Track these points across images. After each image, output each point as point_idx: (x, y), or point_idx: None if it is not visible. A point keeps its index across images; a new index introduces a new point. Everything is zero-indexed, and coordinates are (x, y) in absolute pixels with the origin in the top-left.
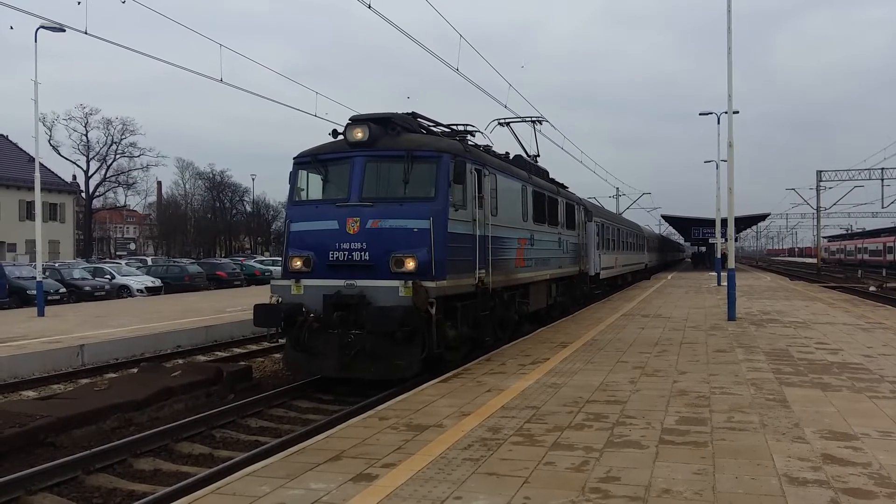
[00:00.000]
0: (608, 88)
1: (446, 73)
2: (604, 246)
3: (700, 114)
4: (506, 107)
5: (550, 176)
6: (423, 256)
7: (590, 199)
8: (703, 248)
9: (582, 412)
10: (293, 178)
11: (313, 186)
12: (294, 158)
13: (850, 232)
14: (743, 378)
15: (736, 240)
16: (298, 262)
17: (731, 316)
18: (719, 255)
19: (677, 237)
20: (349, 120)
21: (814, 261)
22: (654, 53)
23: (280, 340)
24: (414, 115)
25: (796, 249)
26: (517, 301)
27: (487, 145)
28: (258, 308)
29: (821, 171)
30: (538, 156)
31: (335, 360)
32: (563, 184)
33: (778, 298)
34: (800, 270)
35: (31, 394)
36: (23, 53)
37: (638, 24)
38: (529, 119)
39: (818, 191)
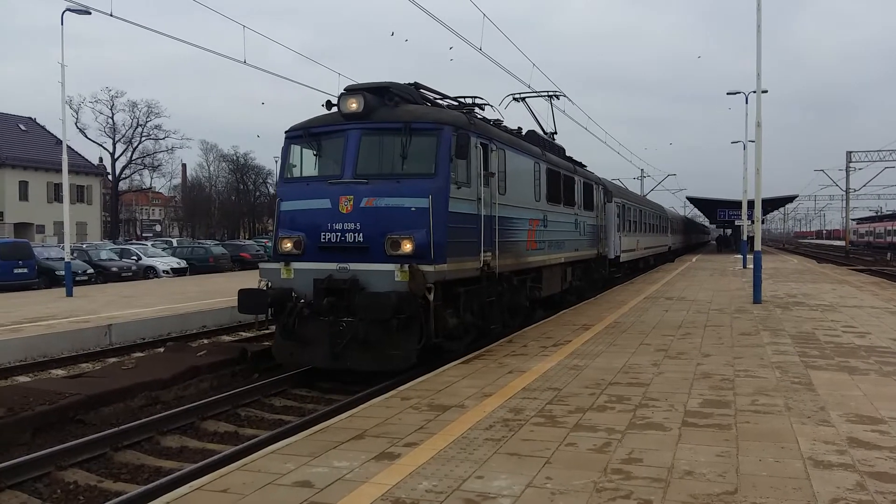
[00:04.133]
0: (631, 69)
1: (469, 53)
2: (625, 228)
3: (728, 93)
4: (529, 86)
5: (567, 154)
6: (421, 238)
7: (613, 181)
8: (729, 231)
9: (604, 394)
10: (284, 153)
11: (306, 162)
12: (285, 132)
13: (879, 214)
14: (768, 361)
15: (763, 222)
16: (288, 244)
17: (757, 299)
18: (745, 238)
19: (703, 219)
20: (343, 90)
21: (842, 243)
22: (674, 34)
23: (270, 328)
24: (417, 86)
25: (824, 232)
26: (528, 286)
27: (498, 119)
28: (242, 293)
29: (850, 152)
30: (555, 133)
31: (325, 349)
32: (581, 162)
33: (805, 281)
34: (827, 253)
35: (60, 372)
36: (49, 38)
37: (658, 5)
38: (546, 94)
39: (847, 172)
